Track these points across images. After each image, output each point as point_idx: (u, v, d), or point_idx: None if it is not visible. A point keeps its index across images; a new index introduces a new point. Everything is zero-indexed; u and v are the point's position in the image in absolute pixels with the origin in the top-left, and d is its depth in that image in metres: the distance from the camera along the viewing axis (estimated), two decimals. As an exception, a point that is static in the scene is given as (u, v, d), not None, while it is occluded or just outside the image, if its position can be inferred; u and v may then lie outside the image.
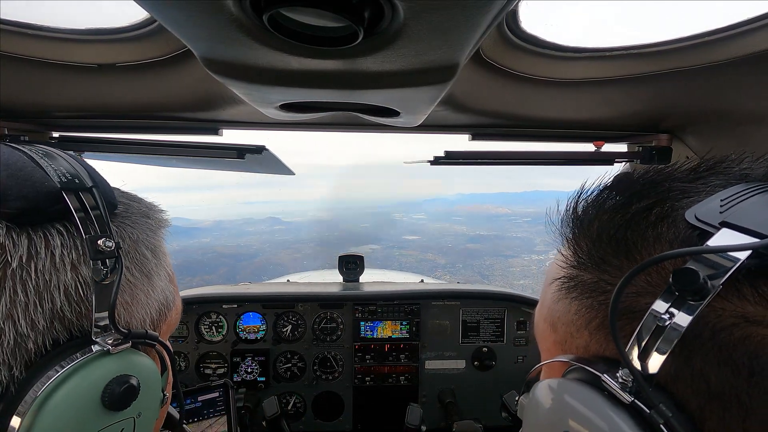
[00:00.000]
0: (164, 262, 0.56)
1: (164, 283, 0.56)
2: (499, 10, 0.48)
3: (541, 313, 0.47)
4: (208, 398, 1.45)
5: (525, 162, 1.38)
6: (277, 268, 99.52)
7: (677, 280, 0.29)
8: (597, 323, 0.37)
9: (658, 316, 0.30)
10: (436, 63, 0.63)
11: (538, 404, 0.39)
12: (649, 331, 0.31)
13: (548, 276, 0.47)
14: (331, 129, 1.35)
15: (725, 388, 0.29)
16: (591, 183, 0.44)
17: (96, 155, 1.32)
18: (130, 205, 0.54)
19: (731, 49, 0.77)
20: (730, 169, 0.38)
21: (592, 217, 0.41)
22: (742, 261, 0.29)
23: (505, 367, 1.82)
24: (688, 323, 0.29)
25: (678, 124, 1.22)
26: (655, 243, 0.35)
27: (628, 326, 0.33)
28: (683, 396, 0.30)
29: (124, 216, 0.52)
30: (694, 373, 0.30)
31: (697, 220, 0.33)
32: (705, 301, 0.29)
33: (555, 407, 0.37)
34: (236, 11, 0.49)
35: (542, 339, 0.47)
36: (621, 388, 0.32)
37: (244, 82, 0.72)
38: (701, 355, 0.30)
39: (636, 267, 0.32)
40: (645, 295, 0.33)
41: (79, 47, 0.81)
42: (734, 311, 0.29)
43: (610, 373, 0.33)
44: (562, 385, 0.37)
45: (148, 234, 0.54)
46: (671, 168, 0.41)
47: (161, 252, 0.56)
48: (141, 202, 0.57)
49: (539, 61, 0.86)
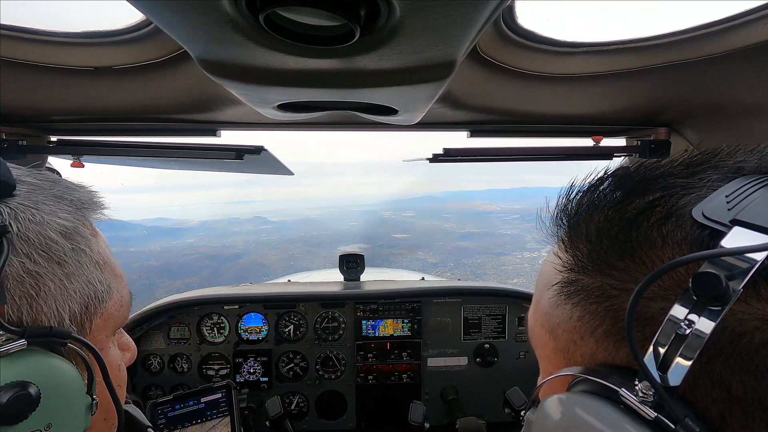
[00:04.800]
0: (87, 247, 0.50)
1: (89, 272, 0.49)
2: (495, 7, 0.48)
3: (537, 318, 0.45)
4: (211, 399, 1.46)
5: (524, 158, 1.38)
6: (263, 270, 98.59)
7: (699, 285, 0.28)
8: (604, 330, 0.35)
9: (677, 323, 0.29)
10: (434, 60, 0.62)
11: (548, 421, 0.36)
12: (669, 339, 0.29)
13: (542, 279, 0.45)
14: (329, 128, 1.35)
15: (747, 393, 0.28)
16: (581, 179, 0.42)
17: (94, 158, 1.32)
18: (39, 186, 0.48)
19: (728, 42, 0.77)
20: (724, 162, 0.37)
21: (587, 216, 0.39)
22: (762, 261, 0.27)
23: (508, 363, 1.82)
24: (711, 330, 0.27)
25: (676, 117, 1.22)
26: (663, 245, 0.33)
27: (640, 333, 0.32)
28: (703, 404, 0.29)
29: (25, 197, 0.46)
30: (714, 380, 0.29)
31: (705, 218, 0.31)
32: (728, 305, 0.27)
33: (568, 424, 0.34)
34: (232, 12, 0.49)
35: (540, 346, 0.45)
36: (641, 403, 0.30)
37: (241, 83, 0.72)
38: (721, 361, 0.28)
39: (654, 272, 0.30)
40: (656, 299, 0.32)
41: (75, 50, 0.81)
42: (755, 314, 0.28)
43: (627, 386, 0.31)
44: (574, 400, 0.34)
45: (60, 216, 0.47)
46: (666, 162, 0.39)
47: (80, 236, 0.49)
48: (58, 183, 0.51)
49: (536, 57, 0.86)
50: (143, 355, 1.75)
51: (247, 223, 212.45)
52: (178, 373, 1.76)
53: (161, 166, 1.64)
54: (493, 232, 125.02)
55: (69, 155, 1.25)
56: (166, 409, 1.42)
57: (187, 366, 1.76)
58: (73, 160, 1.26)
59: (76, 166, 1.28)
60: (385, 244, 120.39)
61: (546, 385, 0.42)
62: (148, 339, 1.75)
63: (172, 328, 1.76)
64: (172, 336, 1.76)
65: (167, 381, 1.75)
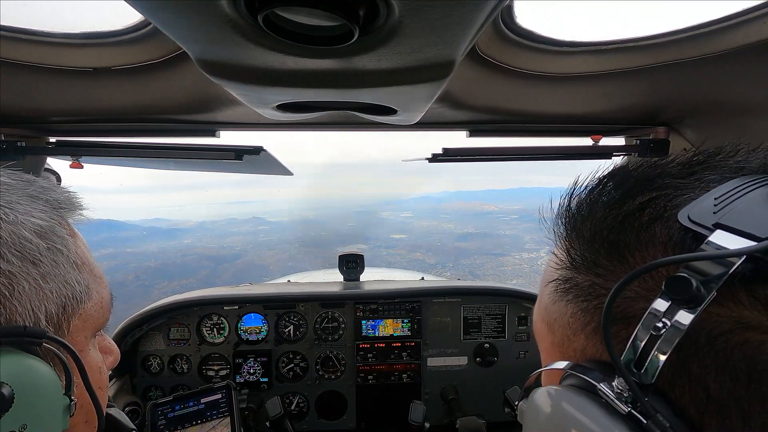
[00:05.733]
0: (64, 247, 0.49)
1: (66, 272, 0.49)
2: (494, 6, 0.48)
3: (539, 313, 0.47)
4: (211, 400, 1.46)
5: (523, 157, 1.38)
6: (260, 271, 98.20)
7: (670, 289, 0.29)
8: (592, 327, 0.37)
9: (653, 323, 0.30)
10: (433, 60, 0.62)
11: (537, 411, 0.38)
12: (644, 338, 0.30)
13: (544, 276, 0.46)
14: (328, 128, 1.35)
15: (724, 394, 0.28)
16: (583, 179, 0.43)
17: (93, 159, 1.32)
18: (12, 186, 0.48)
19: (726, 41, 0.77)
20: (725, 162, 0.38)
21: (585, 215, 0.40)
22: (736, 266, 0.28)
23: (507, 362, 1.83)
24: (684, 330, 0.28)
25: (675, 116, 1.22)
26: (648, 246, 0.34)
27: (624, 331, 0.33)
28: (682, 403, 0.30)
29: None
30: (692, 380, 0.29)
31: (690, 221, 0.32)
32: (700, 308, 0.28)
33: (553, 416, 0.36)
34: (231, 12, 0.49)
35: (541, 339, 0.47)
36: (617, 398, 0.31)
37: (240, 84, 0.72)
38: (698, 361, 0.29)
39: (628, 275, 0.31)
40: (639, 299, 0.33)
41: (73, 51, 0.81)
42: (731, 316, 0.29)
43: (606, 382, 0.32)
44: (560, 393, 0.36)
45: (34, 215, 0.47)
46: (665, 162, 0.40)
47: (56, 236, 0.49)
48: (33, 183, 0.51)
49: (535, 56, 0.86)
50: (143, 356, 1.75)
51: (245, 224, 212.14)
52: (178, 373, 1.76)
53: (160, 167, 1.63)
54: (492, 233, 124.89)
55: (68, 156, 1.25)
56: (166, 410, 1.42)
57: (187, 367, 1.76)
58: (72, 161, 1.26)
59: (75, 167, 1.27)
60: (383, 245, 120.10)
61: (544, 374, 0.45)
62: (147, 340, 1.74)
63: (171, 328, 1.76)
64: (171, 337, 1.76)
65: (167, 382, 1.75)
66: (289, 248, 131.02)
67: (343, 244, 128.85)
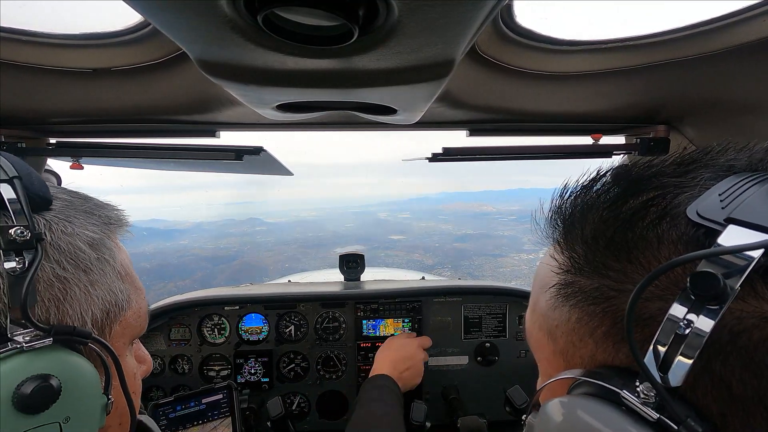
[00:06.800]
0: (111, 258, 0.54)
1: (112, 281, 0.53)
2: (493, 5, 0.48)
3: (534, 321, 0.45)
4: (212, 400, 1.46)
5: (523, 157, 1.38)
6: (258, 272, 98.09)
7: (696, 285, 0.28)
8: (603, 331, 0.35)
9: (676, 323, 0.29)
10: (432, 60, 0.62)
11: (551, 424, 0.36)
12: (669, 339, 0.29)
13: (539, 281, 0.44)
14: (328, 128, 1.34)
15: (748, 392, 0.28)
16: (575, 179, 0.42)
17: (94, 160, 1.32)
18: (71, 202, 0.53)
19: (726, 39, 0.77)
20: (715, 161, 0.37)
21: (582, 217, 0.39)
22: (758, 259, 0.27)
23: (508, 361, 1.83)
24: (710, 329, 0.27)
25: (675, 115, 1.22)
26: (659, 245, 0.33)
27: (639, 333, 0.32)
28: (704, 404, 0.29)
29: (59, 211, 0.50)
30: (714, 379, 0.29)
31: (700, 217, 0.31)
32: (726, 304, 0.27)
33: (570, 428, 0.34)
34: (230, 12, 0.49)
35: (538, 348, 0.45)
36: (643, 404, 0.30)
37: (240, 84, 0.72)
38: (721, 359, 0.28)
39: (651, 274, 0.30)
40: (654, 299, 0.32)
41: (73, 52, 0.81)
42: (753, 312, 0.28)
43: (628, 388, 0.31)
44: (576, 402, 0.34)
45: (88, 229, 0.52)
46: (658, 162, 0.39)
47: (105, 248, 0.53)
48: (89, 200, 0.56)
49: (535, 55, 0.86)
50: None
51: (242, 225, 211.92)
52: (178, 374, 1.76)
53: (161, 168, 1.64)
54: (490, 234, 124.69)
55: (68, 157, 1.25)
56: (167, 411, 1.42)
57: (188, 367, 1.76)
58: (72, 162, 1.26)
59: (75, 168, 1.27)
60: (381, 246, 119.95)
61: (546, 388, 0.42)
62: (148, 340, 1.74)
63: (172, 329, 1.76)
64: (172, 337, 1.76)
65: (168, 382, 1.75)
66: (287, 249, 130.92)
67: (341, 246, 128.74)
